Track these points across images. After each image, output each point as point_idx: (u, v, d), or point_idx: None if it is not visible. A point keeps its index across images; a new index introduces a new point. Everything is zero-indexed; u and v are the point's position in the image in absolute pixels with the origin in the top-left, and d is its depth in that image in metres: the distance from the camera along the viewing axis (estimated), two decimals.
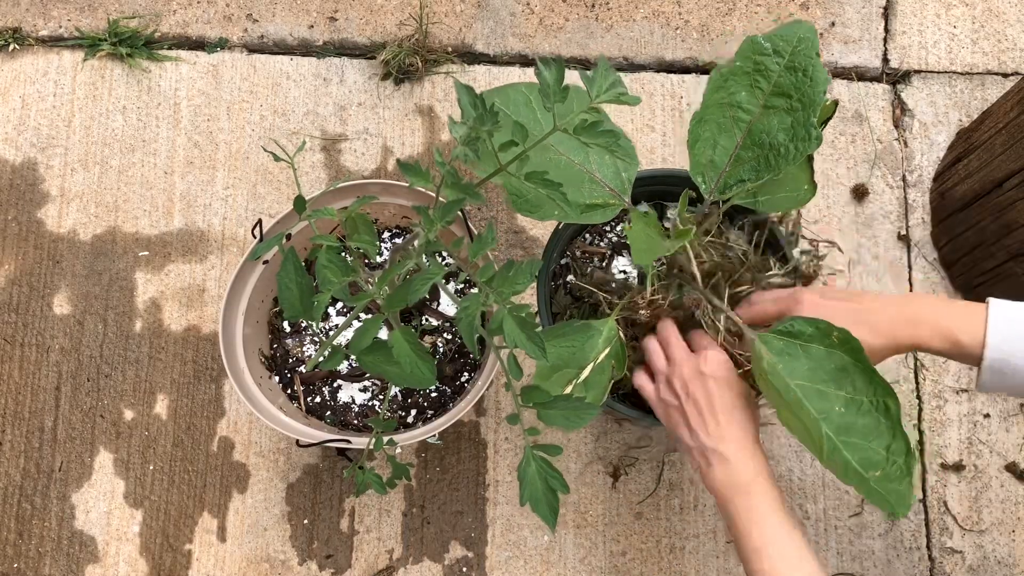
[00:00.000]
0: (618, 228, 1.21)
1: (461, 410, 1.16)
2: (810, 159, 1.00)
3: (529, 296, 1.39)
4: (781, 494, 0.93)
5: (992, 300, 0.89)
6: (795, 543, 0.89)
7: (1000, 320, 0.87)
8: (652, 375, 1.02)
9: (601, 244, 1.21)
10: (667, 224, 0.98)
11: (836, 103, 0.95)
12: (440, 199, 0.83)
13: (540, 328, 0.78)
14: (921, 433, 1.38)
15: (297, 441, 1.14)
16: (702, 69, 1.52)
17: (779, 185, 0.98)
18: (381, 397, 1.28)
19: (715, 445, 0.93)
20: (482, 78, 1.51)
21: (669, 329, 1.01)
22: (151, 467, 1.36)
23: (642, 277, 1.10)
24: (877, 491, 0.81)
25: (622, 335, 1.00)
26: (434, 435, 1.15)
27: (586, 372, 0.95)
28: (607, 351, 0.96)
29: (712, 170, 0.96)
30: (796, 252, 1.12)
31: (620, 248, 1.20)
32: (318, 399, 1.28)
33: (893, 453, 0.82)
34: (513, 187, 0.94)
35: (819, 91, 0.90)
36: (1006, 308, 0.88)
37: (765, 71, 0.93)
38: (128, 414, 1.38)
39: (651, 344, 1.02)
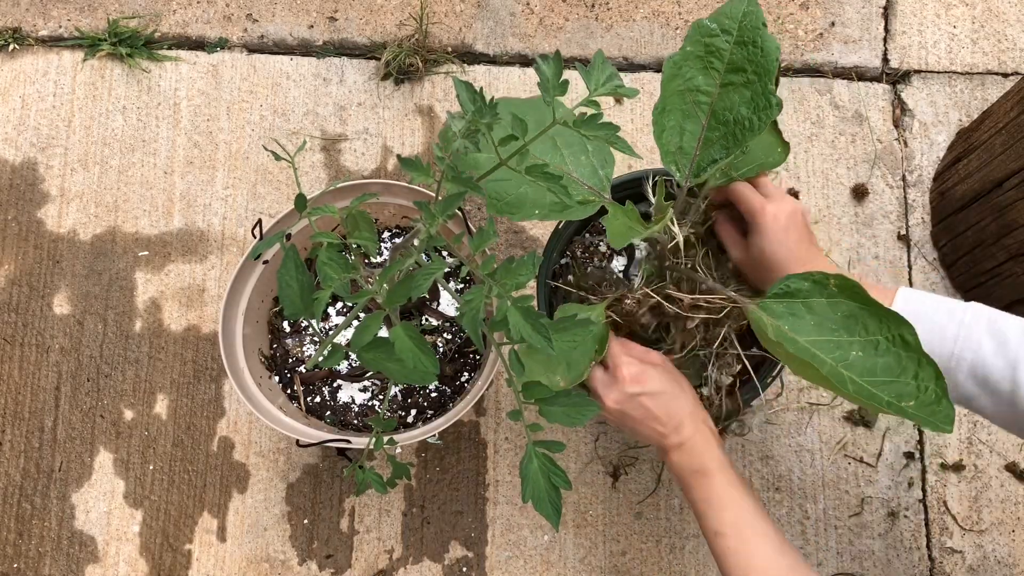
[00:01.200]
0: None
1: (461, 410, 1.16)
2: (775, 124, 1.01)
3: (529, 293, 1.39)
4: (737, 473, 0.96)
5: (902, 288, 0.95)
6: (757, 519, 0.92)
7: (900, 301, 0.93)
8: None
9: (601, 244, 1.21)
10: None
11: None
12: (439, 195, 0.83)
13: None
14: (921, 433, 1.37)
15: (297, 441, 1.14)
16: None
17: (751, 156, 0.99)
18: (381, 397, 1.28)
19: (669, 441, 0.97)
20: (482, 78, 1.51)
21: (594, 369, 1.02)
22: (151, 467, 1.36)
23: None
24: (918, 415, 0.81)
25: (608, 323, 1.01)
26: (434, 435, 1.15)
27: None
28: (592, 335, 0.98)
29: (683, 156, 0.97)
30: None
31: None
32: (318, 399, 1.28)
33: (922, 380, 0.82)
34: (492, 192, 0.95)
35: (772, 59, 0.91)
36: (909, 293, 0.94)
37: (717, 51, 0.94)
38: (128, 414, 1.38)
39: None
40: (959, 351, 0.90)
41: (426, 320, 1.30)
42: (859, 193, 1.45)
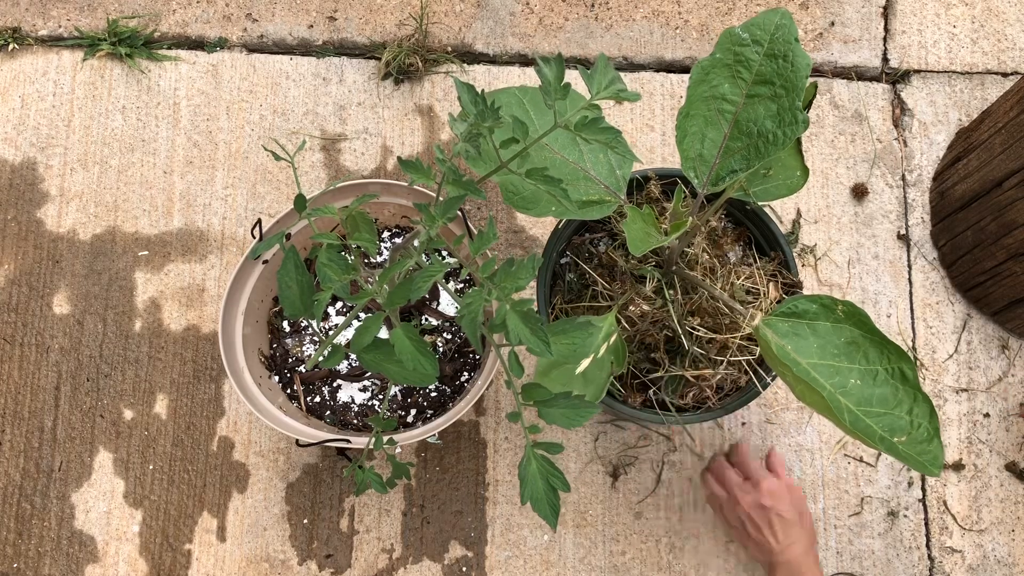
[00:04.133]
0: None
1: (461, 410, 1.16)
2: (799, 144, 1.01)
3: (528, 294, 1.38)
4: None
5: None
6: None
7: None
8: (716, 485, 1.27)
9: (600, 243, 1.21)
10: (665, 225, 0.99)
11: (816, 85, 0.95)
12: (440, 197, 0.83)
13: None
14: None
15: (297, 441, 1.14)
16: None
17: (772, 177, 0.99)
18: (381, 397, 1.28)
19: (777, 558, 1.16)
20: (482, 78, 1.51)
21: (724, 466, 1.26)
22: (151, 467, 1.36)
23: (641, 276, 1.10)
24: (908, 454, 0.82)
25: (621, 331, 1.00)
26: (434, 435, 1.15)
27: (585, 363, 0.95)
28: (606, 347, 0.96)
29: (702, 164, 0.97)
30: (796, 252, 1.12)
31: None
32: (318, 399, 1.28)
33: (916, 416, 0.83)
34: (509, 184, 0.94)
35: (801, 75, 0.90)
36: None
37: (746, 61, 0.93)
38: (128, 414, 1.38)
39: (710, 479, 1.28)
40: None
41: (426, 320, 1.30)
42: (859, 193, 1.45)
